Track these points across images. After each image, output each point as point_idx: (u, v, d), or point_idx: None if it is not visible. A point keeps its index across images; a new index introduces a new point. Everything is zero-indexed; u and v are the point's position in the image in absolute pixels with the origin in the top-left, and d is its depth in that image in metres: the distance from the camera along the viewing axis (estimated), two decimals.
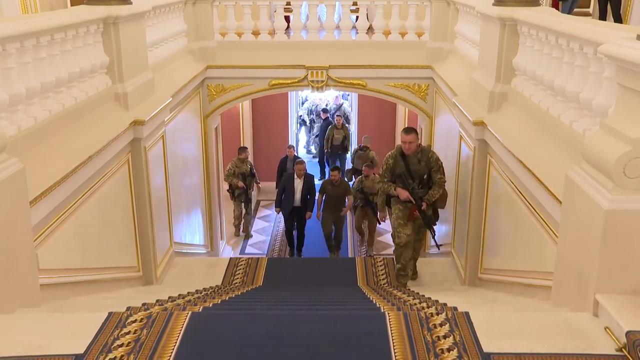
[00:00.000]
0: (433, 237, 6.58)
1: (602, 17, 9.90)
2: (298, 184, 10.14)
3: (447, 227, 7.54)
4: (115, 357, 2.97)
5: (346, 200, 10.21)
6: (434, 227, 6.56)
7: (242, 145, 12.15)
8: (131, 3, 5.96)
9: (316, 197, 10.40)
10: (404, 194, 6.29)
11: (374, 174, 10.56)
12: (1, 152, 3.42)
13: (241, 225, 11.95)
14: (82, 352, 2.98)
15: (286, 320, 3.49)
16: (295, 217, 10.42)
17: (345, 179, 11.46)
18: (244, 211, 11.76)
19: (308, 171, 10.52)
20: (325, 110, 15.37)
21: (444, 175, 6.42)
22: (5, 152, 3.45)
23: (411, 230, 6.45)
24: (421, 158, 6.34)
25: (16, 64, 4.19)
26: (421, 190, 6.34)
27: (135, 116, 5.72)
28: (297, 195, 10.13)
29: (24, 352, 2.93)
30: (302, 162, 10.40)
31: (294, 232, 10.63)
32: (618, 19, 9.75)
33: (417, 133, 6.50)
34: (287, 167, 11.63)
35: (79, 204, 4.66)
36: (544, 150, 4.69)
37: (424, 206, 6.30)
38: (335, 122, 13.84)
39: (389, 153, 6.58)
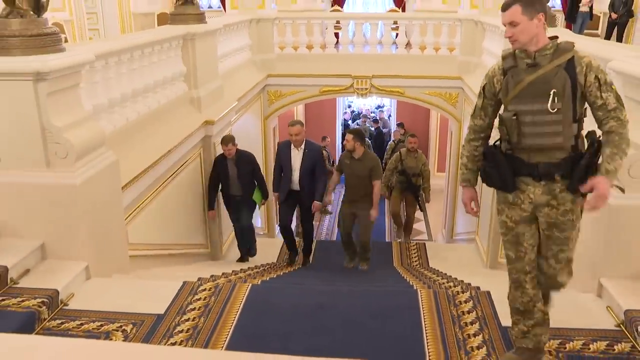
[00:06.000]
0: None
1: (607, 37, 10.14)
2: (295, 157, 5.73)
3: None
4: (189, 318, 3.11)
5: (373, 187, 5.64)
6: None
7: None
8: (206, 22, 6.10)
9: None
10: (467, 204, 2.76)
11: (417, 149, 7.69)
12: (102, 146, 3.60)
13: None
14: (162, 312, 3.14)
15: (331, 295, 3.53)
16: (296, 207, 6.11)
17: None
18: None
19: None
20: (375, 121, 14.67)
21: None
22: (104, 146, 3.64)
23: (527, 264, 2.57)
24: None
25: (114, 74, 4.39)
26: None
27: (207, 117, 5.85)
28: (295, 175, 5.74)
29: (117, 309, 3.11)
30: (297, 123, 5.73)
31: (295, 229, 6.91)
32: (620, 40, 10.07)
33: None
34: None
35: (160, 190, 4.81)
36: None
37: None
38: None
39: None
